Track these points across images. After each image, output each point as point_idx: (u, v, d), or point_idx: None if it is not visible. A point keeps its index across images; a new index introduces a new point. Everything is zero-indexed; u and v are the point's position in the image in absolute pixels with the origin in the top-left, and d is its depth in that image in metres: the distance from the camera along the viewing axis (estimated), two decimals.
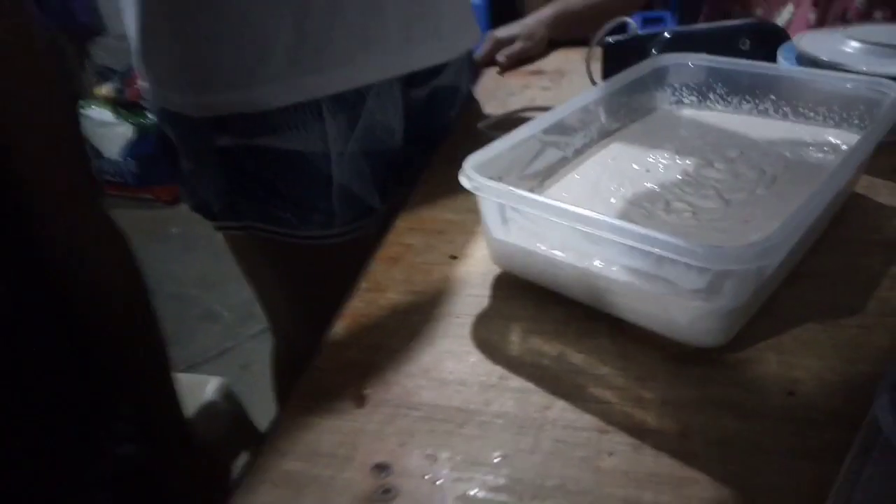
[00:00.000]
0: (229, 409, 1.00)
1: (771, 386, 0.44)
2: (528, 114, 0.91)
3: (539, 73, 1.07)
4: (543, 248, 0.50)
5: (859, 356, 0.46)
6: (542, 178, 0.61)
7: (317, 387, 0.48)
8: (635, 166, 0.62)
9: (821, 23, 1.05)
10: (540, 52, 1.12)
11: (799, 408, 0.43)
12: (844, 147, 0.61)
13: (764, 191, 0.55)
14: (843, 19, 1.06)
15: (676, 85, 0.73)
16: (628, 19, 0.86)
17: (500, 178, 0.54)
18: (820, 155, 0.60)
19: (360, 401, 0.46)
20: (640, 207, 0.55)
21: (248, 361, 1.76)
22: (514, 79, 1.05)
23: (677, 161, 0.61)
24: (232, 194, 0.81)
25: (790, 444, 0.41)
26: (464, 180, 0.50)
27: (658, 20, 3.13)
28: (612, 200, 0.57)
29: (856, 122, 0.63)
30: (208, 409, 0.93)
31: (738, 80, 0.69)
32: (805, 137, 0.63)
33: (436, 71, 0.85)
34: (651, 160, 0.62)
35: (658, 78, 0.73)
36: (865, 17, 1.04)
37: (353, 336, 0.53)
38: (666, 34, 0.82)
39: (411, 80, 0.84)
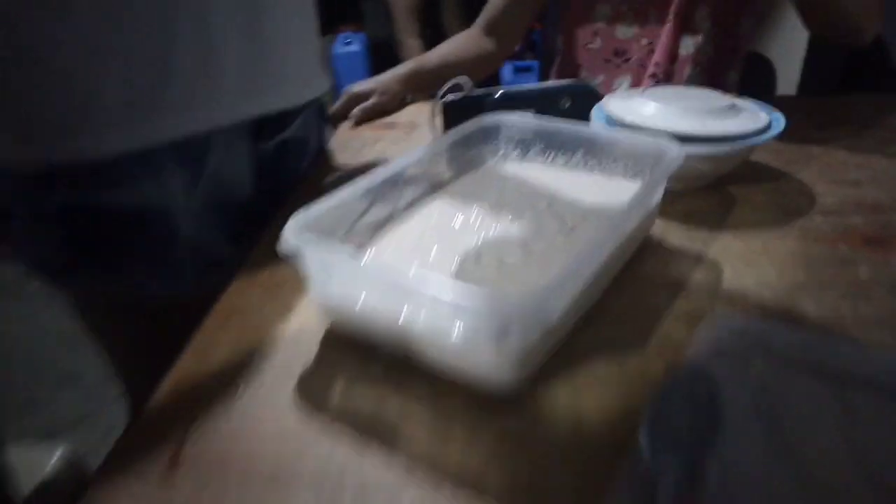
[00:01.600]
0: (75, 481, 0.94)
1: (562, 420, 0.49)
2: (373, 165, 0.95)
3: (392, 126, 1.12)
4: (360, 304, 0.53)
5: (640, 388, 0.52)
6: (370, 234, 0.64)
7: (130, 451, 0.48)
8: (457, 219, 0.67)
9: None
10: (395, 107, 1.18)
11: (586, 439, 0.48)
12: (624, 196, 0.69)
13: (563, 239, 0.61)
14: None
15: (502, 141, 0.80)
16: (466, 80, 0.92)
17: (328, 234, 0.57)
18: (615, 204, 0.67)
19: (175, 464, 0.47)
20: (452, 262, 0.59)
21: (113, 425, 1.66)
22: (368, 132, 1.10)
23: (493, 215, 0.67)
24: (70, 252, 0.78)
25: (578, 471, 0.45)
26: (285, 243, 0.53)
27: (527, 69, 3.33)
28: (431, 255, 0.61)
29: (647, 174, 0.71)
30: (48, 485, 0.88)
31: (555, 137, 0.76)
32: (606, 188, 0.71)
33: (283, 123, 0.88)
34: (471, 214, 0.68)
35: (486, 134, 0.79)
36: None
37: (176, 397, 0.53)
38: (497, 95, 0.89)
39: (260, 132, 0.85)
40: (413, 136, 1.07)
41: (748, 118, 0.78)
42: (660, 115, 0.77)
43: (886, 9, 1.06)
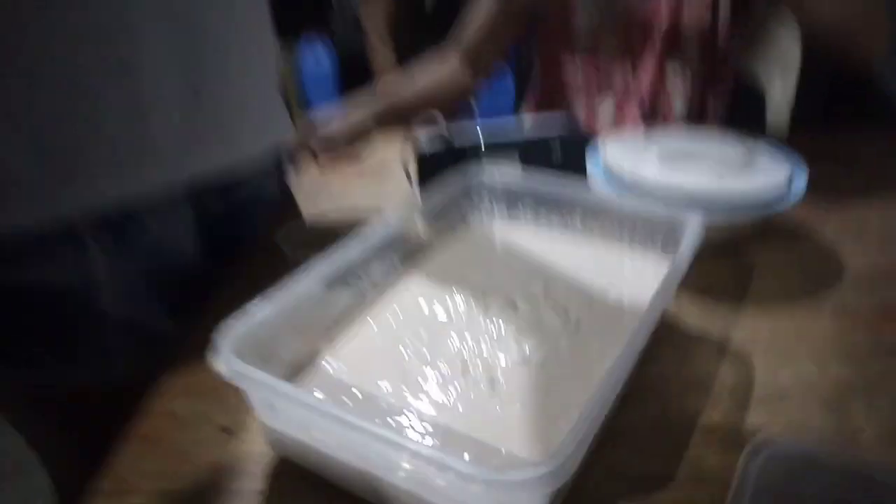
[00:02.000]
0: None
1: None
2: (341, 219, 0.84)
3: (363, 174, 1.01)
4: (317, 440, 0.41)
5: None
6: (329, 331, 0.53)
7: None
8: (436, 308, 0.56)
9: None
10: (367, 150, 1.07)
11: None
12: (649, 277, 0.59)
13: (567, 343, 0.50)
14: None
15: (486, 198, 0.69)
16: (440, 117, 0.82)
17: (271, 344, 0.46)
18: (625, 290, 0.57)
19: None
20: (435, 370, 0.48)
21: None
22: (336, 179, 0.98)
23: (480, 303, 0.56)
24: None
25: None
26: (219, 365, 0.41)
27: (502, 89, 3.24)
28: (405, 364, 0.49)
29: (659, 245, 0.61)
30: None
31: (548, 196, 0.66)
32: (610, 263, 0.60)
33: (232, 180, 0.76)
34: (453, 301, 0.56)
35: (469, 191, 0.68)
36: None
37: None
38: (480, 145, 0.78)
39: (204, 193, 0.74)
40: (386, 184, 0.96)
41: (768, 170, 0.68)
42: (667, 171, 0.67)
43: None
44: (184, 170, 0.68)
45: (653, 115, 1.11)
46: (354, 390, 0.47)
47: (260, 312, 0.46)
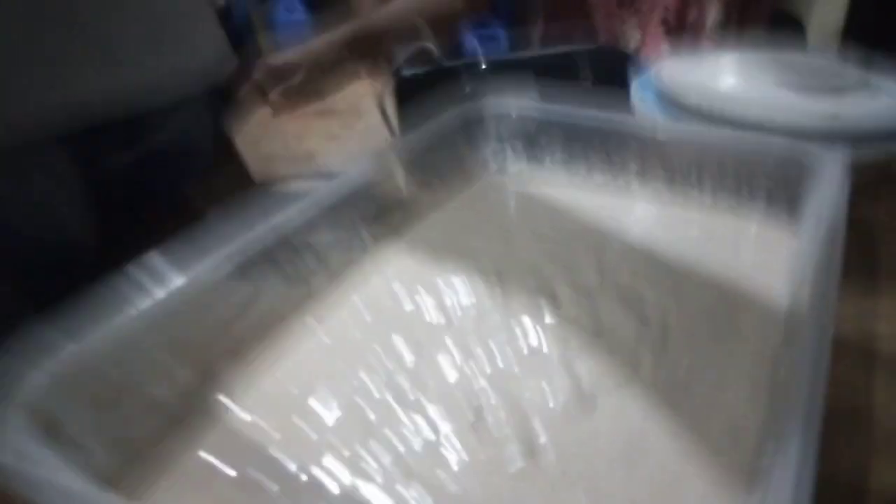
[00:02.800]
0: None
1: None
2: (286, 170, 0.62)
3: (327, 114, 0.79)
4: None
5: None
6: (245, 343, 0.32)
7: None
8: (422, 302, 0.35)
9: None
10: (332, 86, 0.84)
11: None
12: (755, 248, 0.38)
13: (653, 362, 0.30)
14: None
15: (496, 140, 0.48)
16: (430, 45, 0.60)
17: (132, 372, 0.25)
18: (724, 275, 0.36)
19: None
20: (421, 415, 0.28)
21: None
22: (292, 123, 0.76)
23: (496, 288, 0.35)
24: None
25: None
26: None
27: (494, 38, 2.99)
28: (372, 395, 0.29)
29: (762, 203, 0.40)
30: None
31: (585, 136, 0.45)
32: (693, 235, 0.40)
33: (142, 125, 0.54)
34: (452, 284, 0.36)
35: (470, 130, 0.47)
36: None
37: None
38: (482, 64, 0.57)
39: (96, 143, 0.52)
40: (357, 128, 0.74)
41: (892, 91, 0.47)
42: (754, 91, 0.46)
43: None
44: (60, 116, 0.46)
45: (679, 31, 0.91)
46: (272, 461, 0.26)
47: (101, 331, 0.25)
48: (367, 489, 0.25)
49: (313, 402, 0.30)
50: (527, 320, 0.33)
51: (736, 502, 0.24)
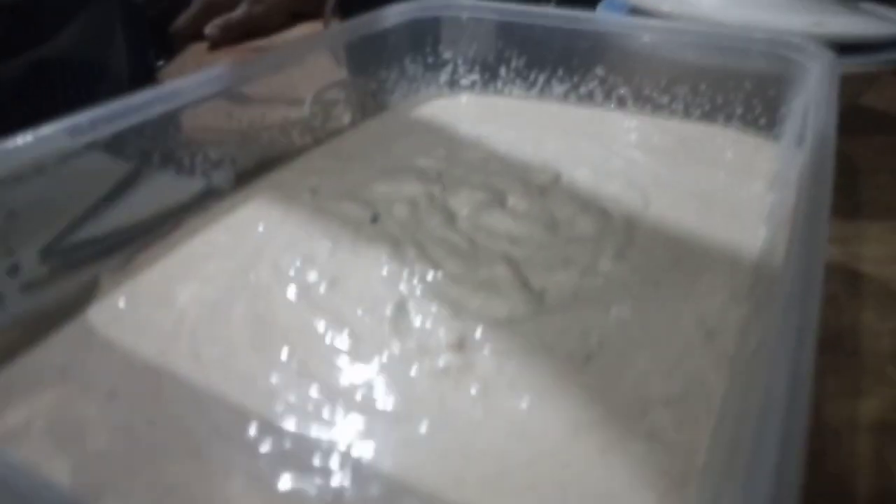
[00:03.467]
0: None
1: None
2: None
3: (267, 51, 0.72)
4: None
5: None
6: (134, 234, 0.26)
7: None
8: (347, 206, 0.29)
9: None
10: (277, 23, 0.78)
11: None
12: (729, 164, 0.33)
13: (611, 265, 0.25)
14: None
15: (445, 54, 0.42)
16: None
17: None
18: (699, 185, 0.31)
19: None
20: (336, 364, 0.22)
21: None
22: (228, 58, 0.70)
23: (434, 197, 0.30)
24: None
25: None
26: None
27: None
28: (266, 307, 0.23)
29: (740, 108, 0.36)
30: None
31: (545, 41, 0.39)
32: (664, 144, 0.35)
33: (32, 29, 0.47)
34: (385, 194, 0.30)
35: (416, 35, 0.41)
36: None
37: None
38: None
39: None
40: (301, 70, 0.68)
41: (870, 18, 0.44)
42: (732, 1, 0.42)
43: None
44: None
45: None
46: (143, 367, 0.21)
47: None
48: (258, 395, 0.20)
49: (196, 299, 0.24)
50: (466, 216, 0.28)
51: (710, 403, 0.19)
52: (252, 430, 0.19)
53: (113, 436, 0.19)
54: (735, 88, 0.35)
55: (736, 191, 0.30)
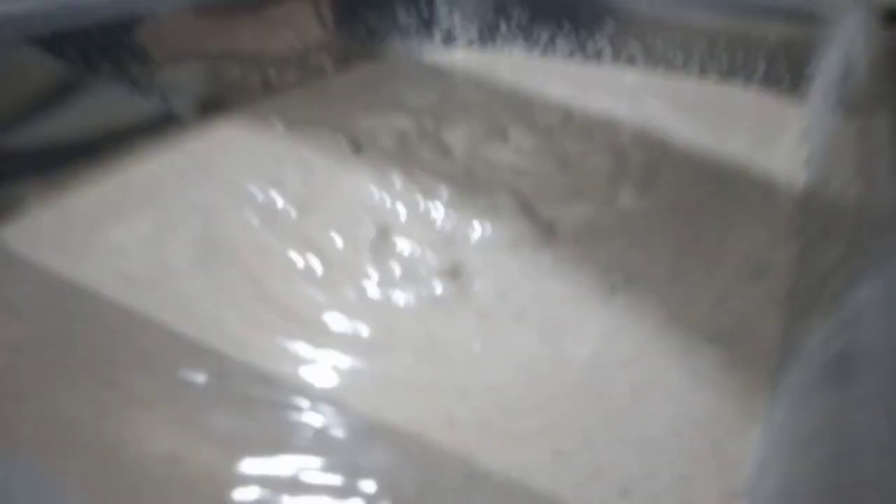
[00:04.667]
0: None
1: None
2: None
3: None
4: None
5: None
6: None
7: None
8: (331, 139, 0.25)
9: None
10: None
11: None
12: (751, 126, 0.30)
13: (632, 200, 0.21)
14: None
15: (441, 7, 0.39)
16: None
17: None
18: (722, 144, 0.28)
19: None
20: (311, 254, 0.18)
21: None
22: None
23: (426, 133, 0.26)
24: None
25: None
26: None
27: None
28: (231, 233, 0.19)
29: (760, 70, 0.33)
30: None
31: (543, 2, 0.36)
32: (680, 104, 0.31)
33: None
34: (371, 128, 0.26)
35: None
36: None
37: None
38: None
39: None
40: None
41: None
42: None
43: None
44: None
45: None
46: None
47: None
48: (199, 321, 0.16)
49: (137, 221, 0.20)
50: (464, 149, 0.24)
51: (765, 344, 0.15)
52: (186, 360, 0.15)
53: (11, 355, 0.15)
54: (756, 47, 0.32)
55: (765, 141, 0.26)
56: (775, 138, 0.27)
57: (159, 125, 0.26)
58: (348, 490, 0.12)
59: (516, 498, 0.12)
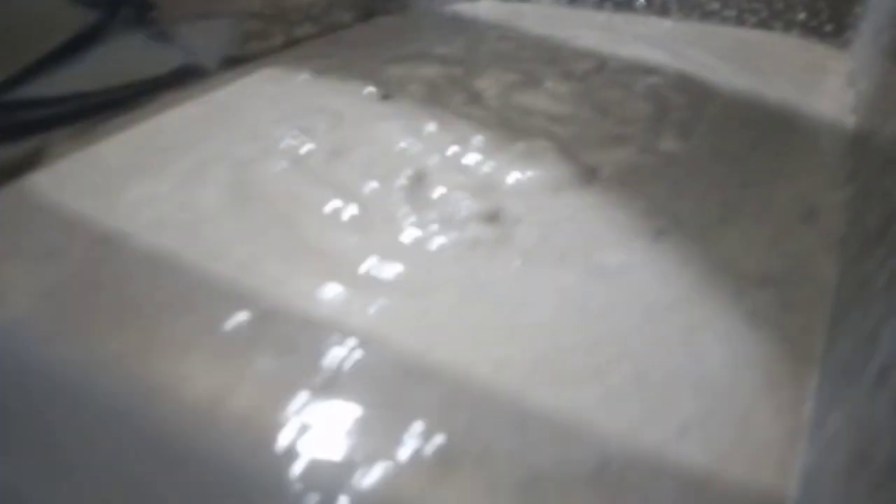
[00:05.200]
0: None
1: None
2: None
3: None
4: None
5: None
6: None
7: None
8: (352, 88, 0.25)
9: None
10: None
11: None
12: (793, 75, 0.29)
13: (676, 144, 0.20)
14: None
15: None
16: None
17: None
18: (758, 67, 0.27)
19: None
20: (340, 198, 0.18)
21: None
22: None
23: (456, 79, 0.25)
24: None
25: None
26: None
27: None
28: (258, 179, 0.19)
29: (801, 16, 0.31)
30: None
31: None
32: (718, 52, 0.30)
33: None
34: (398, 77, 0.26)
35: None
36: None
37: None
38: None
39: None
40: None
41: None
42: None
43: None
44: None
45: None
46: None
47: None
48: (232, 265, 0.16)
49: (163, 168, 0.19)
50: (495, 95, 0.23)
51: (821, 287, 0.15)
52: (225, 302, 0.14)
53: (40, 301, 0.15)
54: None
55: (808, 86, 0.25)
56: (819, 84, 0.26)
57: (183, 78, 0.25)
58: (398, 427, 0.12)
59: (570, 437, 0.11)
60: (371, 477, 0.11)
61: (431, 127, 0.21)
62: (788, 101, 0.24)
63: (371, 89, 0.24)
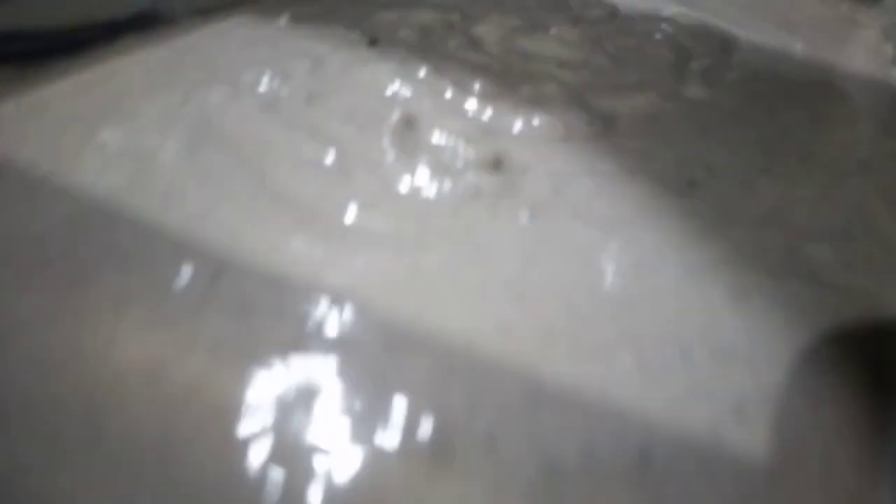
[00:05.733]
0: None
1: None
2: None
3: None
4: None
5: None
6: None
7: None
8: (339, 34, 0.22)
9: None
10: None
11: None
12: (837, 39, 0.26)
13: (702, 91, 0.18)
14: None
15: None
16: None
17: None
18: (787, 20, 0.24)
19: None
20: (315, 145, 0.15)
21: None
22: None
23: (449, 21, 0.23)
24: None
25: None
26: None
27: None
28: (229, 128, 0.16)
29: None
30: None
31: None
32: (746, 19, 0.28)
33: None
34: (389, 18, 0.23)
35: None
36: None
37: None
38: None
39: None
40: None
41: None
42: None
43: None
44: None
45: None
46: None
47: None
48: (187, 216, 0.13)
49: (114, 112, 0.17)
50: (497, 41, 0.21)
51: (885, 243, 0.12)
52: (169, 257, 0.12)
53: None
54: None
55: (840, 39, 0.23)
56: (852, 38, 0.24)
57: (146, 23, 0.23)
58: (381, 405, 0.09)
59: (595, 418, 0.09)
60: (348, 467, 0.09)
61: (423, 71, 0.19)
62: (821, 54, 0.22)
63: (357, 35, 0.21)
